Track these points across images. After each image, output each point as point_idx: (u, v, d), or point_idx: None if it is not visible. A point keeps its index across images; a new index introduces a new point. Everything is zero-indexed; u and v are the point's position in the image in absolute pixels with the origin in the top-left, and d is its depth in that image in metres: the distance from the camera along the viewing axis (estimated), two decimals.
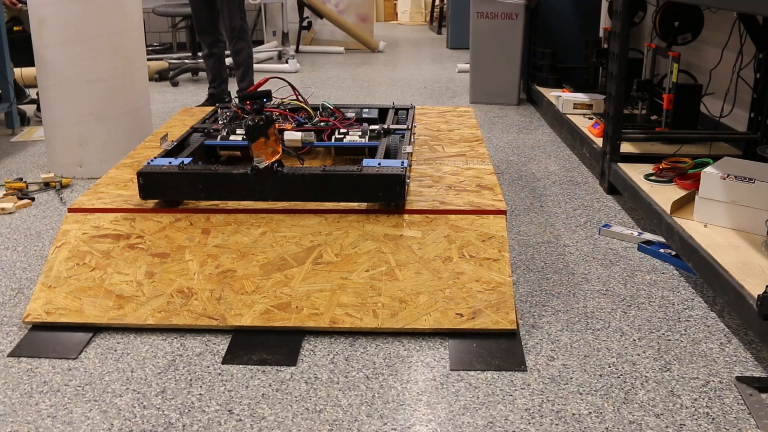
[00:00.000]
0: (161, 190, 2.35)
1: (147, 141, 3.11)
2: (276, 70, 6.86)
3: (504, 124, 4.71)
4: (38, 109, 4.69)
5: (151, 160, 2.43)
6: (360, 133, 2.70)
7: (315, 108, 2.95)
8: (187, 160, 2.42)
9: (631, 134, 3.40)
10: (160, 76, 6.47)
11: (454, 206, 2.34)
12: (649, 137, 3.43)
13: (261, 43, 8.00)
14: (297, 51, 8.18)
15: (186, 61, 6.67)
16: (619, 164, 3.20)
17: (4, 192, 3.33)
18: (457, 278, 2.16)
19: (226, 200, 2.36)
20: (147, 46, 6.32)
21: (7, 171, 3.72)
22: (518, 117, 4.94)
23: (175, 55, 7.22)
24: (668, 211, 2.60)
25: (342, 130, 2.73)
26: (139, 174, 2.33)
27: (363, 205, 2.34)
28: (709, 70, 3.70)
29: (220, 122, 2.89)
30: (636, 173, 3.05)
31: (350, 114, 2.96)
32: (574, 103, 4.26)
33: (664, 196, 2.76)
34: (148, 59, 5.26)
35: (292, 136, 2.60)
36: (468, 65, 5.67)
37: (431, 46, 8.90)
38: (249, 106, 2.44)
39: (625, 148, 3.35)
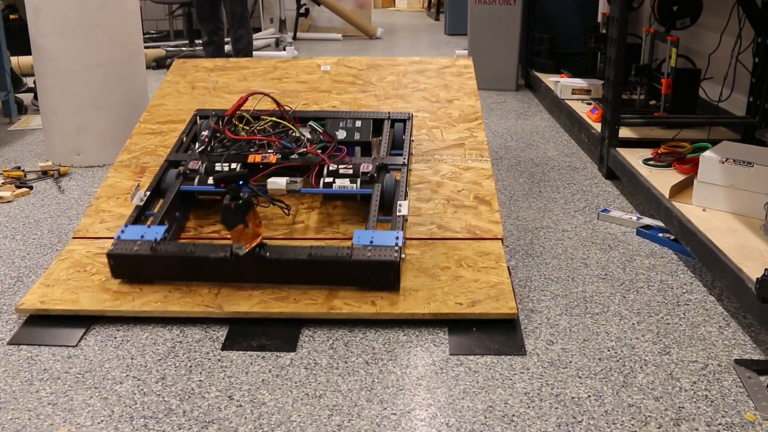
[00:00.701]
0: (133, 271, 2.18)
1: (142, 122, 3.06)
2: (273, 57, 6.84)
3: (502, 110, 4.70)
4: (35, 97, 4.68)
5: (122, 231, 2.23)
6: (351, 173, 2.41)
7: (304, 119, 2.69)
8: (161, 230, 2.22)
9: (630, 119, 3.39)
10: (157, 64, 6.45)
11: (451, 233, 2.36)
12: (648, 122, 3.43)
13: (258, 30, 7.97)
14: (294, 38, 8.15)
15: (183, 48, 6.66)
16: (618, 149, 3.19)
17: (2, 181, 3.33)
18: (455, 279, 2.16)
19: (204, 281, 2.18)
20: (144, 34, 6.29)
21: (5, 160, 3.71)
22: (517, 103, 4.94)
23: (172, 43, 7.20)
24: (667, 196, 2.60)
25: (331, 168, 2.43)
26: (110, 256, 2.16)
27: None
28: (707, 55, 3.69)
29: (197, 148, 2.59)
30: (634, 158, 3.05)
31: (341, 133, 2.66)
32: (573, 89, 4.25)
33: (662, 180, 2.76)
34: (145, 47, 5.24)
35: (276, 183, 2.33)
36: (466, 51, 5.65)
37: (429, 32, 8.88)
38: (223, 187, 2.09)
39: (624, 133, 3.34)
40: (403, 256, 2.15)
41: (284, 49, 7.02)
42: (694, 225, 2.35)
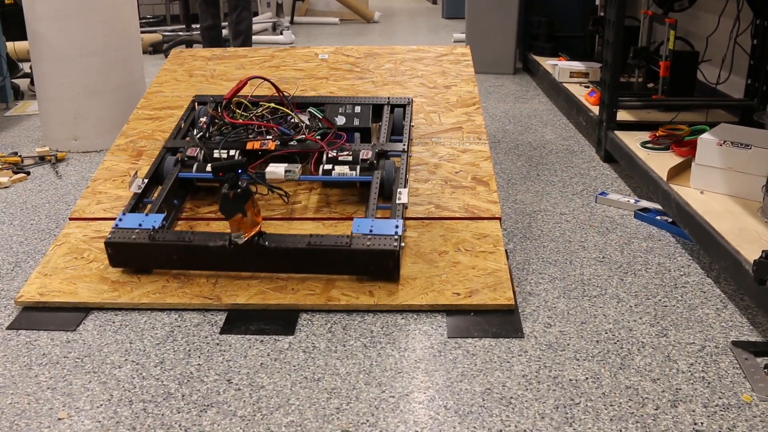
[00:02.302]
0: (132, 259, 2.17)
1: (139, 108, 3.05)
2: (271, 41, 6.81)
3: (500, 94, 4.69)
4: (32, 83, 4.66)
5: (120, 219, 2.22)
6: (350, 160, 2.40)
7: (303, 105, 2.69)
8: (158, 219, 2.21)
9: (628, 102, 3.38)
10: (154, 48, 6.43)
11: (449, 212, 2.35)
12: (646, 105, 3.42)
13: (255, 14, 7.94)
14: (291, 22, 8.12)
15: (180, 33, 6.63)
16: (616, 132, 3.19)
17: (0, 166, 3.32)
18: (453, 266, 2.16)
19: (202, 270, 2.18)
20: (140, 18, 6.27)
21: (2, 145, 3.71)
22: (515, 86, 4.92)
23: (168, 28, 7.17)
24: (665, 179, 2.60)
25: (330, 155, 2.41)
26: (107, 244, 2.15)
27: (360, 210, 2.34)
28: (705, 37, 3.68)
29: (196, 133, 2.58)
30: (632, 141, 3.05)
31: (340, 118, 2.64)
32: (571, 72, 4.24)
33: (660, 163, 2.76)
34: (142, 32, 5.22)
35: (275, 171, 2.32)
36: (464, 35, 5.63)
37: (427, 16, 8.84)
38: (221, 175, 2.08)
39: (622, 116, 3.34)
40: (402, 244, 2.13)
41: (281, 33, 6.99)
42: (691, 207, 2.35)
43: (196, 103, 2.86)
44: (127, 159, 2.71)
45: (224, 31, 5.32)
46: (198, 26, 5.31)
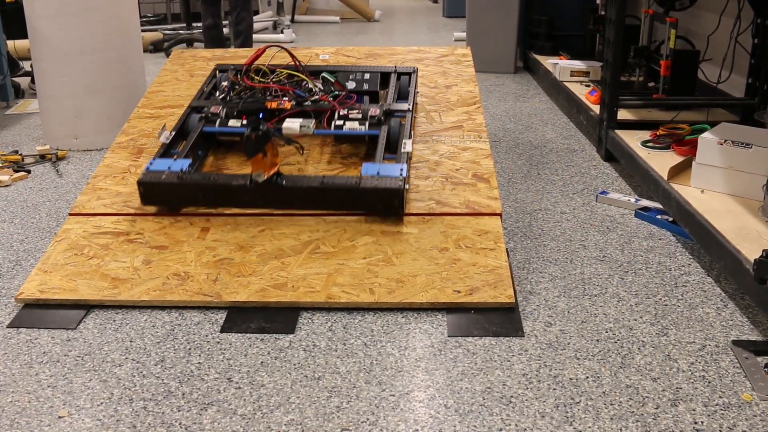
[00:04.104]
0: (161, 198, 2.38)
1: (140, 107, 3.05)
2: (271, 40, 6.81)
3: (501, 93, 4.69)
4: (33, 81, 4.66)
5: (151, 163, 2.41)
6: (360, 117, 2.59)
7: (316, 72, 2.87)
8: (186, 163, 2.39)
9: (628, 101, 3.38)
10: (154, 47, 6.43)
11: (450, 208, 2.36)
12: (647, 104, 3.42)
13: (256, 13, 7.93)
14: (292, 21, 8.12)
15: (181, 32, 6.63)
16: (616, 131, 3.19)
17: (0, 165, 3.32)
18: (453, 263, 2.16)
19: (225, 207, 2.39)
20: (141, 17, 6.27)
21: (3, 144, 3.71)
22: (515, 85, 4.92)
23: (169, 26, 7.17)
24: (665, 178, 2.60)
25: (342, 113, 2.61)
26: (140, 183, 2.34)
27: None
28: (706, 36, 3.68)
29: (218, 95, 2.80)
30: (633, 140, 3.05)
31: (351, 84, 2.86)
32: (571, 71, 4.24)
33: (661, 162, 2.75)
34: (143, 30, 5.22)
35: (291, 125, 2.54)
36: (464, 34, 5.63)
37: (427, 14, 8.84)
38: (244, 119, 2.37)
39: (622, 115, 3.34)
40: (407, 186, 2.31)
41: (282, 32, 6.99)
42: (692, 207, 2.35)
43: (217, 71, 3.03)
44: (128, 156, 2.71)
45: (225, 30, 5.32)
46: (199, 25, 5.31)
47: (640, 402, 1.67)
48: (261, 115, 2.27)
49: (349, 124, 2.58)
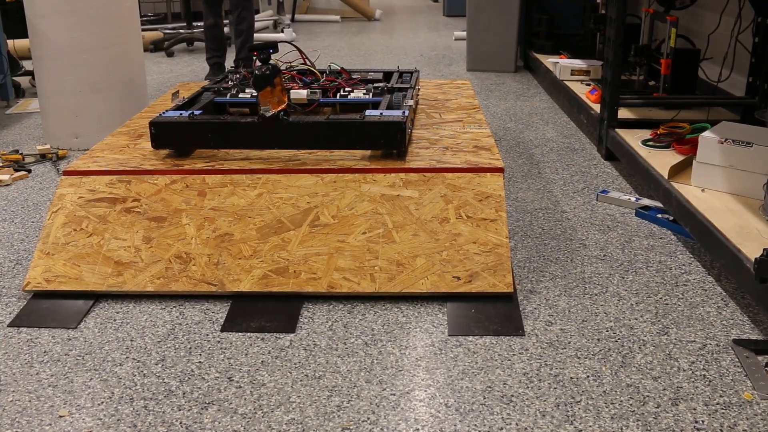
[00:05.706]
0: (172, 139, 2.44)
1: (144, 112, 3.08)
2: (271, 39, 6.80)
3: (501, 92, 4.69)
4: (33, 78, 4.66)
5: (164, 113, 2.50)
6: (365, 91, 2.77)
7: (322, 71, 2.98)
8: (197, 113, 2.49)
9: (629, 100, 3.38)
10: (155, 46, 6.43)
11: (451, 164, 2.34)
12: (647, 103, 3.42)
13: (256, 12, 7.93)
14: (293, 20, 8.12)
15: (181, 31, 6.62)
16: (617, 130, 3.19)
17: (1, 164, 3.32)
18: (454, 240, 2.16)
19: (233, 148, 2.45)
20: (141, 16, 6.26)
21: (3, 143, 3.71)
22: (515, 84, 4.92)
23: (170, 26, 7.16)
24: (666, 177, 2.60)
25: (347, 89, 2.79)
26: (152, 124, 2.40)
27: (360, 164, 2.33)
28: (707, 35, 3.68)
29: (230, 83, 2.92)
30: (633, 139, 3.05)
31: (356, 75, 3.01)
32: (572, 70, 4.24)
33: (661, 161, 2.75)
34: (143, 30, 5.22)
35: (298, 93, 2.69)
36: (465, 33, 5.63)
37: (428, 14, 8.84)
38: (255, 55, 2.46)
39: (623, 114, 3.34)
40: (410, 129, 2.44)
41: (282, 31, 6.99)
42: (692, 206, 2.35)
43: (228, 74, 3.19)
44: (127, 139, 2.69)
45: (226, 29, 5.31)
46: (200, 24, 5.30)
47: (640, 401, 1.67)
48: (271, 51, 2.36)
49: (354, 94, 2.76)
